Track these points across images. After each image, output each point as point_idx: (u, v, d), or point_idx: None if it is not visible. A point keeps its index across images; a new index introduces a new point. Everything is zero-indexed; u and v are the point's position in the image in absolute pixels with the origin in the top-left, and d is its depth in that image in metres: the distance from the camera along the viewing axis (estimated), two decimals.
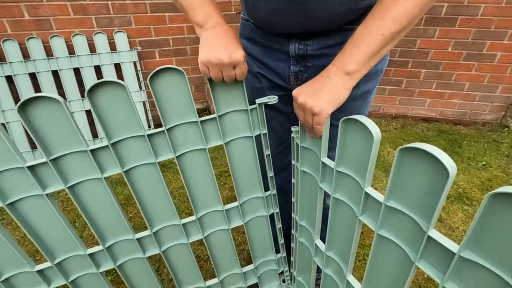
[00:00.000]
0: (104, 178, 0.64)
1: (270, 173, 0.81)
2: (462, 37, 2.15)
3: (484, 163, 1.95)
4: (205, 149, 0.70)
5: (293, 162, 0.79)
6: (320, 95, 0.58)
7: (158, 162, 0.67)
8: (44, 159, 0.57)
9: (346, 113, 0.79)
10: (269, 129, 0.90)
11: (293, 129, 0.72)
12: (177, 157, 0.68)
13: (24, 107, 0.51)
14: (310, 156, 0.72)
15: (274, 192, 0.86)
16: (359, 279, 0.72)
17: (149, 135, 0.63)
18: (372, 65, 0.57)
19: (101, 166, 0.63)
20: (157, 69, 0.56)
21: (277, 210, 0.89)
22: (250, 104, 0.69)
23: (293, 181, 0.82)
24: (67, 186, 0.62)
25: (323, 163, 0.66)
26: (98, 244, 0.73)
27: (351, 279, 0.71)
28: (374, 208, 0.56)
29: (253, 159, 0.77)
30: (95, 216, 0.68)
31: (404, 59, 2.34)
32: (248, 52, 0.80)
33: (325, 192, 0.71)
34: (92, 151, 0.60)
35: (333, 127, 0.65)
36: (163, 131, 0.64)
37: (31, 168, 0.57)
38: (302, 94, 0.60)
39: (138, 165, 0.66)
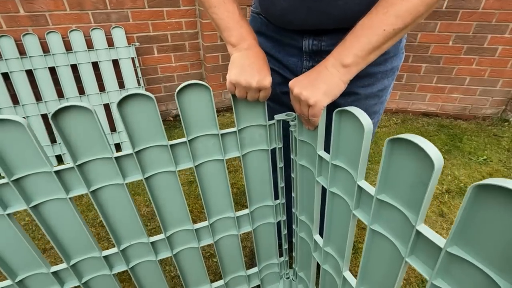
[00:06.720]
0: (125, 184, 0.65)
1: (281, 184, 0.84)
2: (463, 31, 2.14)
3: (485, 157, 1.95)
4: (222, 160, 0.72)
5: (292, 156, 0.79)
6: (316, 85, 0.57)
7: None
8: (70, 164, 0.59)
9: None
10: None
11: (291, 122, 0.72)
12: (195, 166, 0.70)
13: (56, 115, 0.52)
14: (308, 150, 0.72)
15: (283, 201, 0.88)
16: (357, 274, 0.72)
17: (171, 145, 0.65)
18: (371, 60, 0.56)
19: (124, 172, 0.65)
20: (184, 84, 0.58)
21: (284, 218, 0.92)
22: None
23: (292, 175, 0.82)
24: (90, 190, 0.63)
25: (320, 157, 0.66)
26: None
27: (348, 275, 0.70)
28: (367, 202, 0.55)
29: (266, 170, 0.80)
30: (113, 219, 0.70)
31: (404, 54, 2.32)
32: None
33: (323, 187, 0.70)
34: (116, 158, 0.62)
35: None
36: (185, 141, 0.66)
37: (57, 172, 0.58)
38: (298, 85, 0.59)
39: (158, 172, 0.68)
